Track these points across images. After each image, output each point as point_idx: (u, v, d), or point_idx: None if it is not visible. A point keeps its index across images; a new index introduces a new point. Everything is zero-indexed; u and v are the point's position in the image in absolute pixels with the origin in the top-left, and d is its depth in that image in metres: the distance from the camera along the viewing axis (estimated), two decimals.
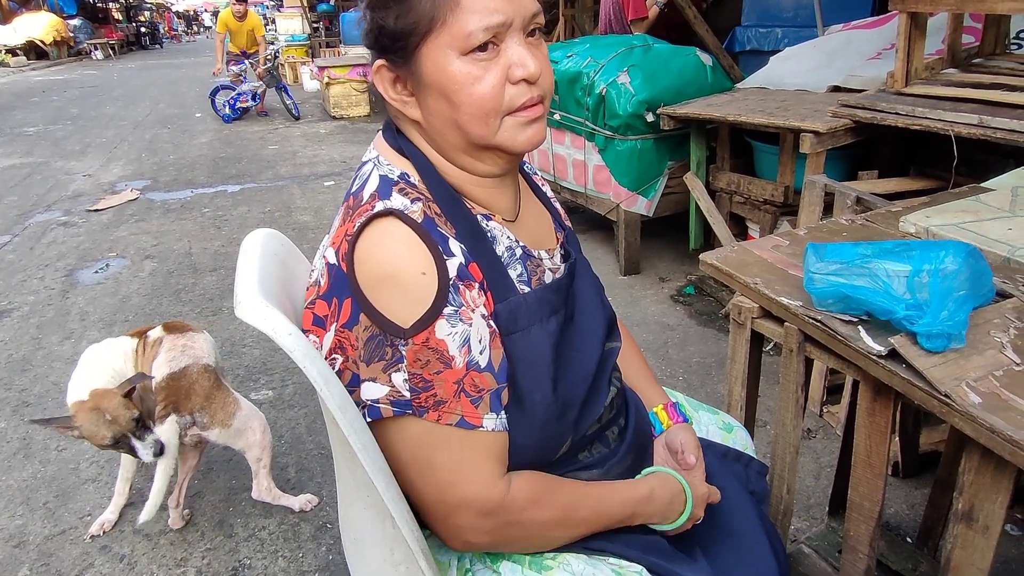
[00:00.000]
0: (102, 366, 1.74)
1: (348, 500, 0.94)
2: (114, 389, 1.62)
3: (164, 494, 1.71)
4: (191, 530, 1.86)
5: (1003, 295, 1.04)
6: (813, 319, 1.05)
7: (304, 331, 0.81)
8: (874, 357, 0.96)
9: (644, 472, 0.96)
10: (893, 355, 0.95)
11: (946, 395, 0.86)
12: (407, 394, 0.74)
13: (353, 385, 0.78)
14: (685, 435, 1.02)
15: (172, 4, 39.91)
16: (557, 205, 1.05)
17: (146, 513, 1.68)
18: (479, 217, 0.85)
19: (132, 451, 1.62)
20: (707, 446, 1.09)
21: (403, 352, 0.73)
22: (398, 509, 0.76)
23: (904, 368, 0.92)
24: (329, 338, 0.80)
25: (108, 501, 1.91)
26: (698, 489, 0.94)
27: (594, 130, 3.20)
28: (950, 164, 1.88)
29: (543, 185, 1.07)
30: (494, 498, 0.77)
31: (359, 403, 0.77)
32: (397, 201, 0.77)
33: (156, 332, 1.85)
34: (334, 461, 0.95)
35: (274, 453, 1.92)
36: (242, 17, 8.35)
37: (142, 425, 1.62)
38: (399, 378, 0.74)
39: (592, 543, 0.89)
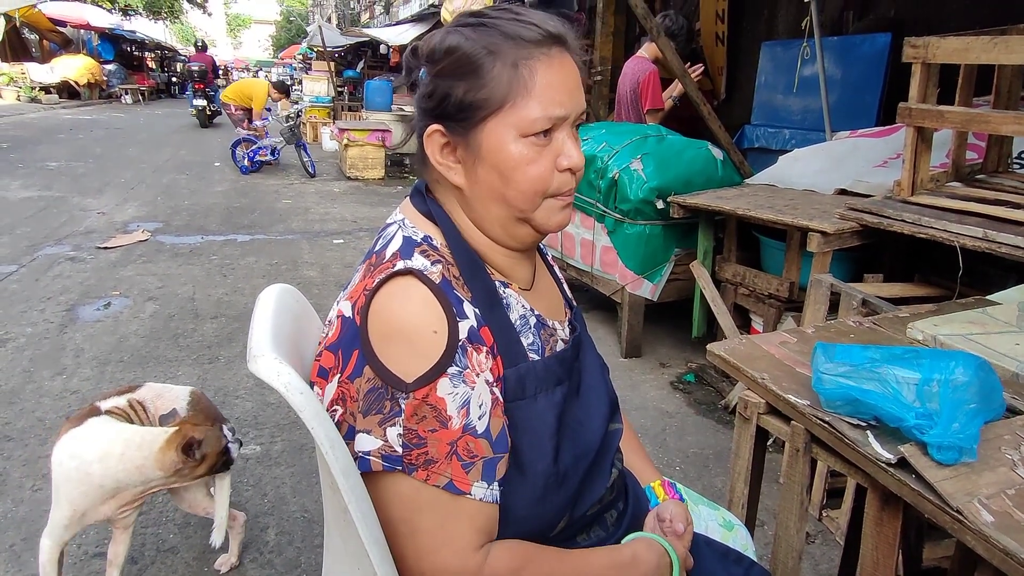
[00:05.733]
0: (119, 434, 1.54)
1: (336, 571, 0.90)
2: (180, 423, 1.60)
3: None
4: None
5: (1014, 411, 1.03)
6: (821, 420, 1.04)
7: (310, 383, 0.81)
8: (883, 464, 0.94)
9: (627, 539, 0.94)
10: (902, 464, 0.93)
11: (958, 511, 0.84)
12: (399, 449, 0.74)
13: (348, 438, 0.78)
14: (676, 508, 1.01)
15: None
16: (566, 286, 1.08)
17: (219, 535, 1.66)
18: (497, 284, 0.87)
19: (228, 453, 1.60)
20: (707, 544, 1.06)
21: (402, 406, 0.74)
22: None
23: (914, 479, 0.91)
24: (331, 389, 0.80)
25: (77, 549, 1.83)
26: (679, 551, 0.93)
27: (604, 212, 3.27)
28: (954, 274, 1.91)
29: (554, 266, 1.10)
30: (469, 569, 0.76)
31: (352, 455, 0.77)
32: (418, 261, 0.79)
33: (119, 400, 1.68)
34: (325, 527, 0.92)
35: (255, 512, 1.86)
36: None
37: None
38: (393, 432, 0.74)
39: None
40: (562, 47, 0.82)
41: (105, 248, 4.93)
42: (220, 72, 9.89)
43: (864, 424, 1.01)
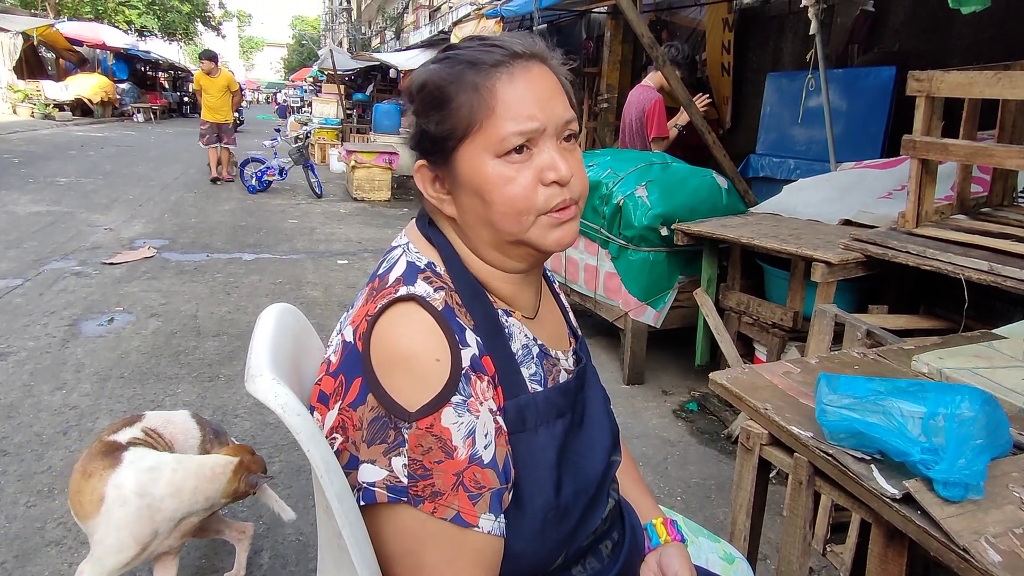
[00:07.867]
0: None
1: None
2: (234, 450, 1.65)
3: None
4: None
5: (1021, 447, 1.02)
6: (824, 452, 1.03)
7: (309, 408, 0.80)
8: (888, 500, 0.93)
9: None
10: (907, 499, 0.92)
11: (964, 549, 0.82)
12: (404, 480, 0.72)
13: (350, 467, 0.76)
14: (682, 565, 0.97)
15: None
16: (571, 315, 1.07)
17: (286, 511, 1.77)
18: (500, 312, 0.85)
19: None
20: None
21: (405, 436, 0.72)
22: None
23: (919, 515, 0.89)
24: (332, 416, 0.79)
25: (69, 568, 1.81)
26: None
27: (609, 238, 3.27)
28: (959, 306, 1.90)
29: (560, 293, 1.09)
30: None
31: (355, 486, 0.75)
32: (421, 288, 0.79)
33: (133, 431, 1.62)
34: (319, 552, 0.91)
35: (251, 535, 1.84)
36: (212, 73, 8.84)
37: None
38: (399, 463, 0.72)
39: None
40: (528, 60, 0.80)
41: (111, 264, 4.95)
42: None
43: (868, 458, 1.00)
